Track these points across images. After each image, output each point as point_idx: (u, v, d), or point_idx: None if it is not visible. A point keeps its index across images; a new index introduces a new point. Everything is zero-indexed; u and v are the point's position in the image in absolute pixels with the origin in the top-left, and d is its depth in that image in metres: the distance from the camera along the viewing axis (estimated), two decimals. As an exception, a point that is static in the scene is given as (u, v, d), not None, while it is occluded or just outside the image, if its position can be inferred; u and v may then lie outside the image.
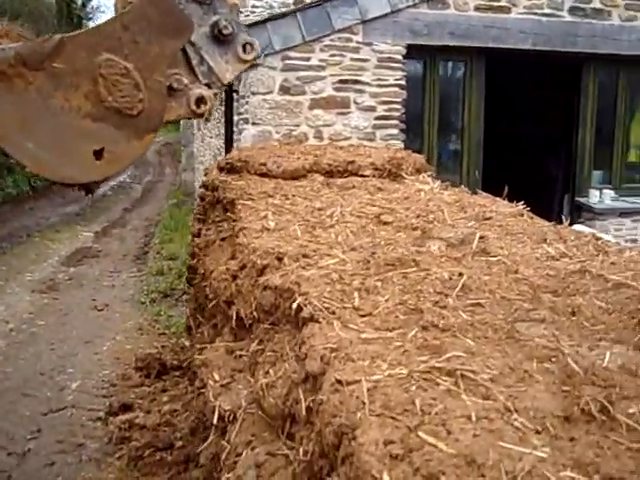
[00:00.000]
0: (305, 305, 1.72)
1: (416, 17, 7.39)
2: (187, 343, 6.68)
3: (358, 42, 7.33)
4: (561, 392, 1.25)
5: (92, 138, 2.61)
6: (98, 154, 2.63)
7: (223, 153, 8.99)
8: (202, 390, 2.25)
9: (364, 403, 1.18)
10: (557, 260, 2.23)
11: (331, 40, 7.23)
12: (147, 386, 5.59)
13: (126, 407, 5.14)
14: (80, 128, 2.59)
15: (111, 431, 4.82)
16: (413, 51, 7.59)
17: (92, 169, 2.66)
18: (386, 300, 1.78)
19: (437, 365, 1.32)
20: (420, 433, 1.06)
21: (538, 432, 1.11)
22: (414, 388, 1.22)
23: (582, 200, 9.05)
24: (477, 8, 7.57)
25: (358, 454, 1.05)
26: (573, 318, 1.70)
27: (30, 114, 2.52)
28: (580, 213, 9.07)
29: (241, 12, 14.61)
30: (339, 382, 1.30)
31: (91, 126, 2.60)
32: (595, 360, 1.38)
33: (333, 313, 1.67)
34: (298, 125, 7.32)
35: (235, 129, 7.81)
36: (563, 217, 2.88)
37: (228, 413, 1.97)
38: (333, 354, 1.43)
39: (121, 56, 2.60)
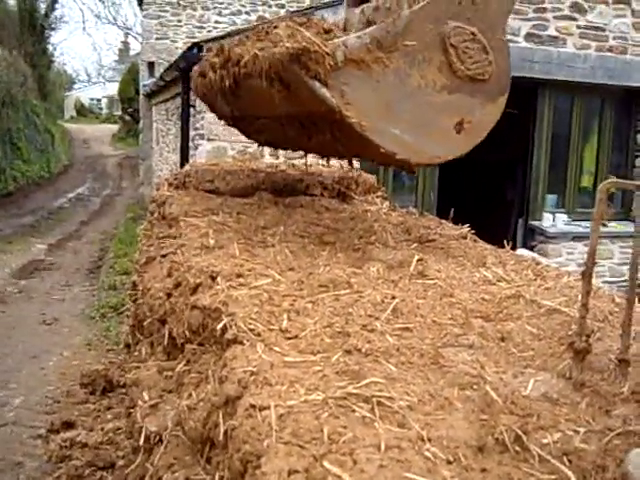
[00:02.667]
0: (230, 326, 1.67)
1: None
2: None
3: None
4: (478, 421, 1.23)
5: (450, 111, 2.48)
6: (458, 127, 2.50)
7: (179, 168, 8.92)
8: (132, 410, 2.18)
9: (274, 430, 1.14)
10: (494, 284, 2.23)
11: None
12: (92, 403, 5.46)
13: (68, 425, 5.01)
14: (438, 103, 2.46)
15: (51, 449, 4.68)
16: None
17: (455, 144, 2.52)
18: (314, 322, 1.74)
19: (354, 391, 1.29)
20: (325, 463, 1.02)
21: (449, 462, 1.08)
22: (326, 415, 1.18)
23: (535, 223, 9.17)
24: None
25: (260, 485, 1.01)
26: (502, 344, 1.68)
27: (391, 98, 2.39)
28: (534, 236, 9.18)
29: (204, 28, 14.64)
30: (253, 407, 1.25)
31: (448, 99, 2.46)
32: (517, 388, 1.37)
33: (258, 335, 1.63)
34: (253, 142, 7.26)
35: (191, 144, 7.76)
36: (505, 241, 2.88)
37: (154, 435, 1.91)
38: (252, 377, 1.39)
39: (465, 21, 2.46)
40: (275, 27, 2.61)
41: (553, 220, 9.07)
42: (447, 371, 1.46)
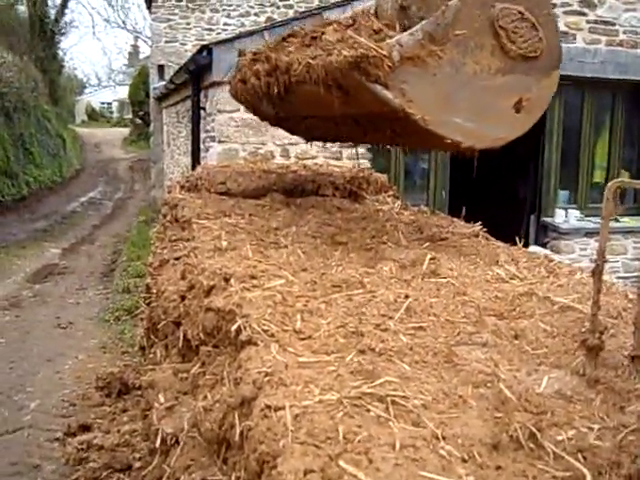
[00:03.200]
0: (245, 328, 1.69)
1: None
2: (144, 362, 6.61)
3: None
4: (493, 418, 1.23)
5: (508, 92, 2.51)
6: (517, 106, 2.53)
7: (191, 170, 8.96)
8: (147, 412, 2.20)
9: (289, 430, 1.15)
10: (506, 282, 2.23)
11: (298, 59, 7.24)
12: (107, 406, 5.49)
13: (85, 427, 5.04)
14: (494, 87, 2.49)
15: (68, 452, 4.71)
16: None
17: (515, 124, 2.56)
18: (328, 323, 1.75)
19: (368, 391, 1.29)
20: (341, 462, 1.03)
21: (464, 460, 1.09)
22: (341, 415, 1.19)
23: (548, 220, 9.13)
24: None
25: (277, 484, 1.02)
26: (515, 342, 1.69)
27: (450, 89, 2.42)
28: (546, 233, 9.14)
29: (213, 30, 14.67)
30: (268, 407, 1.26)
31: (504, 81, 2.49)
32: (531, 385, 1.37)
33: (272, 336, 1.64)
34: (264, 143, 7.31)
35: (202, 146, 7.79)
36: (517, 239, 2.88)
37: (170, 436, 1.92)
38: (266, 378, 1.40)
39: (511, 1, 2.47)
40: (322, 33, 2.64)
41: (565, 216, 9.03)
42: (461, 369, 1.47)
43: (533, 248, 5.63)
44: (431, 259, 2.40)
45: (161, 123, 14.51)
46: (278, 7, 14.57)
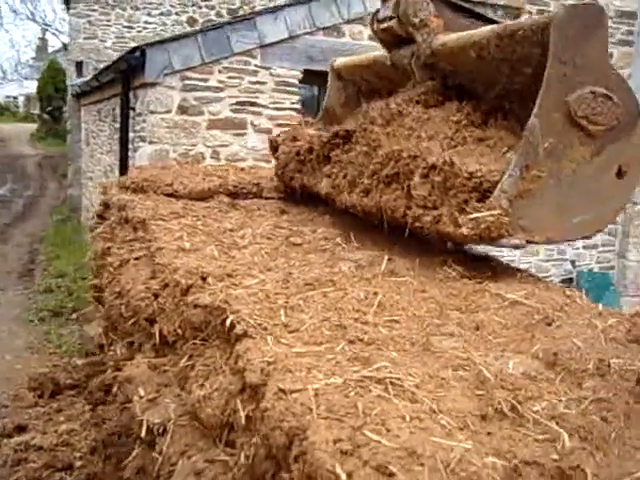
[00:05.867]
0: (238, 322, 1.85)
1: (313, 44, 7.67)
2: (79, 362, 6.59)
3: (256, 65, 7.52)
4: (476, 395, 1.45)
5: (606, 169, 2.55)
6: (619, 175, 2.58)
7: (115, 170, 8.92)
8: (127, 405, 2.31)
9: (310, 408, 1.33)
10: (458, 281, 2.46)
11: (230, 62, 7.38)
12: (41, 406, 5.50)
13: (21, 428, 5.03)
14: (594, 172, 2.52)
15: (6, 454, 4.70)
16: (309, 76, 7.84)
17: (624, 189, 2.63)
18: (310, 317, 1.93)
19: (368, 374, 1.49)
20: (365, 431, 1.22)
21: (461, 429, 1.29)
22: (353, 394, 1.38)
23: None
24: (371, 37, 7.93)
25: (312, 452, 1.20)
26: (477, 332, 1.91)
27: (559, 199, 2.50)
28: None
29: (133, 28, 14.55)
30: (282, 391, 1.44)
31: (599, 160, 2.53)
32: (502, 368, 1.59)
33: (265, 329, 1.81)
34: (195, 145, 7.40)
35: (130, 147, 7.80)
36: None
37: (157, 426, 2.05)
38: (271, 366, 1.57)
39: (579, 85, 2.43)
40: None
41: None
42: (439, 356, 1.68)
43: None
44: (389, 260, 2.61)
45: (79, 121, 14.27)
46: (200, 7, 14.59)
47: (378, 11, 3.47)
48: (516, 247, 2.49)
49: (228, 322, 1.88)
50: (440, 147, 2.72)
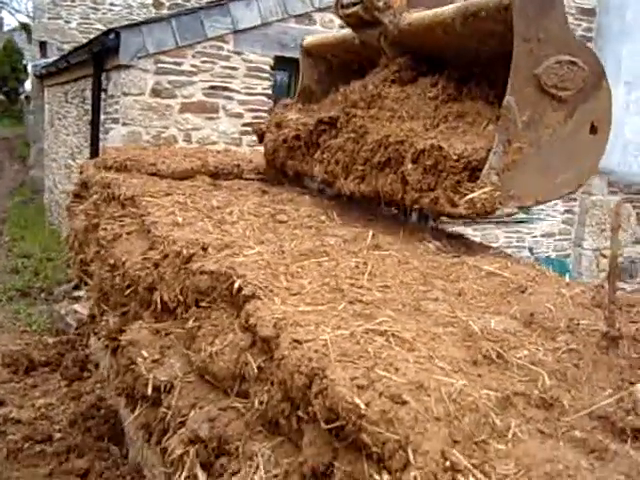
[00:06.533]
0: (245, 285, 2.03)
1: (285, 31, 7.81)
2: (50, 340, 6.66)
3: (229, 51, 7.63)
4: (465, 346, 1.66)
5: (581, 126, 2.73)
6: (593, 130, 2.76)
7: (85, 151, 8.95)
8: (131, 367, 2.47)
9: (325, 354, 1.52)
10: (437, 255, 2.68)
11: (203, 47, 7.48)
12: (16, 382, 5.56)
13: (-2, 403, 5.11)
14: (570, 132, 2.70)
15: (-16, 427, 4.78)
16: (281, 62, 7.99)
17: (599, 143, 2.81)
18: (309, 282, 2.12)
19: (371, 327, 1.68)
20: (377, 370, 1.42)
21: (456, 371, 1.50)
22: (361, 341, 1.57)
23: (428, 209, 9.84)
24: (342, 25, 8.09)
25: (332, 387, 1.39)
26: (460, 297, 2.12)
27: (543, 162, 2.67)
28: (427, 221, 9.82)
29: (98, 9, 14.45)
30: (296, 341, 1.62)
31: (573, 120, 2.69)
32: (485, 325, 1.80)
33: (271, 291, 1.99)
34: (167, 127, 7.50)
35: (101, 128, 7.85)
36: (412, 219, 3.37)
37: (164, 384, 2.22)
38: (282, 321, 1.76)
39: (544, 58, 2.60)
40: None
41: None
42: (430, 315, 1.89)
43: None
44: (372, 235, 2.81)
45: (43, 102, 14.15)
46: (166, -10, 14.57)
47: None
48: (509, 215, 2.72)
49: (236, 285, 2.05)
50: (424, 127, 2.92)
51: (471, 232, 9.35)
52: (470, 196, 2.61)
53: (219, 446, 1.81)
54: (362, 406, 1.31)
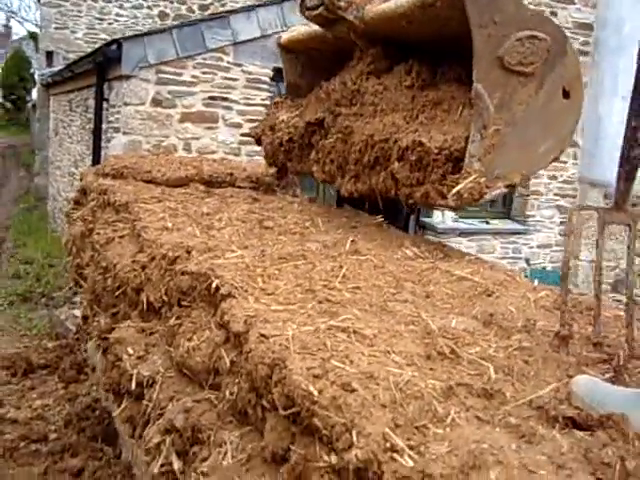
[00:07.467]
0: (222, 285, 2.14)
1: (283, 43, 7.95)
2: (50, 345, 6.77)
3: (229, 62, 7.78)
4: (423, 343, 1.76)
5: (554, 94, 2.80)
6: (566, 95, 2.81)
7: (87, 160, 9.09)
8: (117, 363, 2.58)
9: (287, 346, 1.63)
10: (413, 260, 2.78)
11: (203, 58, 7.63)
12: (14, 384, 5.67)
13: (-5, 403, 5.22)
14: (544, 102, 2.76)
15: (-19, 426, 4.89)
16: (280, 74, 8.11)
17: (574, 105, 2.87)
18: (285, 284, 2.23)
19: (335, 324, 1.79)
20: (332, 361, 1.52)
21: (409, 365, 1.60)
22: (322, 336, 1.68)
23: (426, 220, 9.94)
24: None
25: (289, 376, 1.49)
26: (427, 299, 2.23)
27: (522, 138, 2.73)
28: (424, 232, 9.94)
29: (104, 20, 14.64)
30: (263, 336, 1.73)
31: (544, 91, 2.74)
32: (445, 324, 1.91)
33: (246, 291, 2.10)
34: (168, 137, 7.64)
35: (103, 137, 7.99)
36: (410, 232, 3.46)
37: (147, 378, 2.33)
38: (253, 318, 1.87)
39: (502, 38, 2.64)
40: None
41: (442, 217, 9.89)
42: (394, 315, 1.99)
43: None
44: (352, 241, 2.91)
45: (48, 110, 14.33)
46: (172, 2, 14.76)
47: None
48: (499, 195, 2.79)
49: (214, 285, 2.16)
50: (404, 120, 3.03)
51: (467, 243, 9.46)
52: (456, 189, 2.71)
53: (193, 435, 1.92)
54: (315, 393, 1.42)
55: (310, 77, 4.29)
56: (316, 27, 3.96)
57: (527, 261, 10.31)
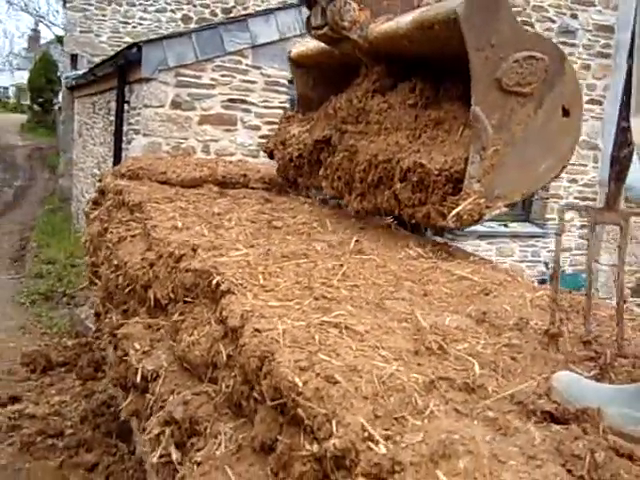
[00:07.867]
0: (223, 282, 2.19)
1: (302, 46, 8.02)
2: (69, 343, 6.90)
3: (247, 65, 7.87)
4: (413, 339, 1.80)
5: (553, 113, 2.79)
6: (565, 112, 2.80)
7: (109, 161, 9.23)
8: (124, 358, 2.65)
9: (277, 340, 1.67)
10: (415, 260, 2.82)
11: (222, 61, 7.73)
12: (34, 380, 5.81)
13: (14, 399, 5.34)
14: (543, 122, 2.75)
15: (0, 421, 5.00)
16: (298, 77, 8.19)
17: (574, 123, 2.86)
18: (285, 281, 2.28)
19: (327, 320, 1.83)
20: (319, 354, 1.57)
21: (396, 359, 1.64)
22: (313, 331, 1.72)
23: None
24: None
25: (277, 368, 1.54)
26: (425, 298, 2.27)
27: (522, 158, 2.75)
28: (442, 234, 9.93)
29: (128, 23, 14.83)
30: (257, 330, 1.78)
31: (543, 110, 2.74)
32: (437, 321, 1.94)
33: (245, 288, 2.15)
34: (187, 139, 7.74)
35: (124, 139, 8.11)
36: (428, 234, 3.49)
37: (151, 372, 2.39)
38: (249, 314, 1.92)
39: (499, 60, 2.65)
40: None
41: (460, 219, 9.89)
42: (388, 312, 2.03)
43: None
44: (356, 241, 2.96)
45: (73, 113, 14.55)
46: (195, 5, 14.90)
47: (310, 17, 3.73)
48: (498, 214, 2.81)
49: (215, 282, 2.22)
50: (407, 139, 3.07)
51: (486, 246, 9.45)
52: (456, 210, 2.74)
53: (191, 426, 1.97)
54: (300, 384, 1.46)
55: (321, 90, 4.34)
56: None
57: (546, 265, 10.27)
